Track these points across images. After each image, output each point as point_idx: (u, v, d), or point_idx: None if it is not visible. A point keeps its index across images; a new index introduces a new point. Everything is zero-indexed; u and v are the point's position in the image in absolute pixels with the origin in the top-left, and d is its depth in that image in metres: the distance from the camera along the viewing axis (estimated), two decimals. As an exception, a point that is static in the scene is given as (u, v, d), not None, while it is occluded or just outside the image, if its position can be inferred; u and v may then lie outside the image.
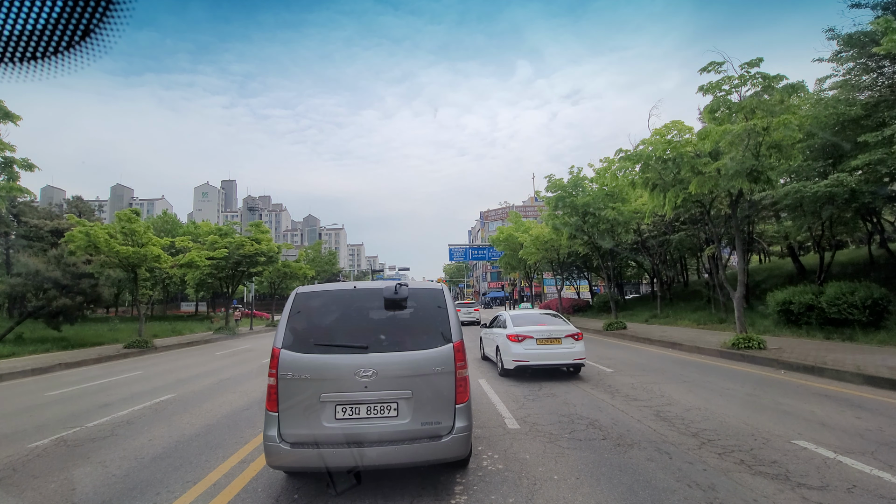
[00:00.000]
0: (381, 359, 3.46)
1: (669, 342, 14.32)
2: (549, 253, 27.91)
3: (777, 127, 9.45)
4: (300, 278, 37.60)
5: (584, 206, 18.02)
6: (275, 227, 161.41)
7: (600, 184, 18.17)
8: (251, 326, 30.55)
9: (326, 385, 3.38)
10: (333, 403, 3.37)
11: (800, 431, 4.81)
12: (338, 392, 3.38)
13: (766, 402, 6.23)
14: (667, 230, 22.78)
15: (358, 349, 3.48)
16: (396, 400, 3.41)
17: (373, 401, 3.40)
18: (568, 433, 4.95)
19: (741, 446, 4.40)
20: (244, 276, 27.41)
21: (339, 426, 3.32)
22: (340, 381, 3.39)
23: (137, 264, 17.66)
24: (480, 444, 4.60)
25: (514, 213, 35.16)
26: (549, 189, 19.18)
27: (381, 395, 3.40)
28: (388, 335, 3.66)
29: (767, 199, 15.70)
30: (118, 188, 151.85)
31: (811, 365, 8.58)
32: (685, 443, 4.53)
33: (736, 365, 9.88)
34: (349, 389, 3.38)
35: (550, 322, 9.67)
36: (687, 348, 12.89)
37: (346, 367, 3.41)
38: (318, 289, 3.95)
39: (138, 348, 17.15)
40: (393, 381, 3.42)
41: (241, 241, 24.84)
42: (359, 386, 3.38)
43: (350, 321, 3.75)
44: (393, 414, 3.40)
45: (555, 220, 19.94)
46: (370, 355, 3.46)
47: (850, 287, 12.42)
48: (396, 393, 3.41)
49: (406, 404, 3.41)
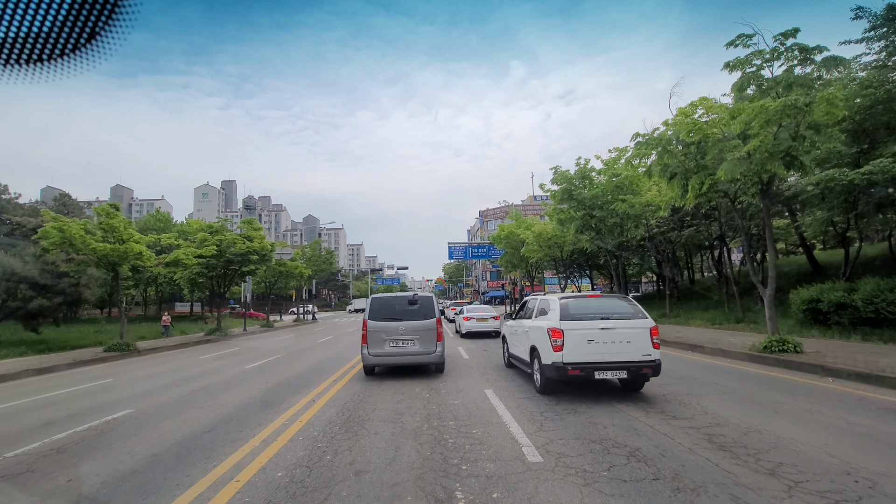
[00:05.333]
0: (407, 324, 8.72)
1: (688, 344, 13.25)
2: (551, 250, 26.85)
3: (820, 103, 8.37)
4: (297, 278, 36.54)
5: (593, 198, 16.93)
6: (274, 227, 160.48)
7: (609, 175, 17.08)
8: (245, 327, 29.48)
9: (385, 333, 8.62)
10: (388, 339, 8.61)
11: (904, 466, 3.74)
12: (390, 335, 8.62)
13: (834, 422, 5.16)
14: (675, 226, 21.74)
15: (398, 319, 8.80)
16: (413, 339, 8.64)
17: (404, 339, 8.64)
18: (606, 469, 3.85)
19: (843, 490, 3.32)
20: (237, 276, 26.31)
21: (390, 349, 8.54)
22: (391, 331, 8.63)
23: (118, 262, 16.56)
24: (496, 489, 3.50)
25: (515, 210, 34.10)
26: (556, 181, 18.08)
27: (407, 337, 8.59)
28: (410, 314, 8.87)
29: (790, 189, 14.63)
30: (118, 189, 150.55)
31: (865, 372, 7.50)
32: (766, 486, 3.44)
33: (773, 371, 8.79)
34: (394, 334, 8.63)
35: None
36: (709, 351, 11.82)
37: (393, 326, 8.69)
38: (380, 295, 9.31)
39: (119, 352, 16.04)
40: (412, 332, 8.66)
41: (232, 239, 23.72)
42: (398, 333, 8.65)
43: (394, 308, 9.05)
44: (412, 344, 8.64)
45: (560, 214, 18.86)
46: (403, 322, 8.74)
47: (890, 283, 11.35)
48: (413, 336, 8.62)
49: (417, 341, 8.63)
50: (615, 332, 6.38)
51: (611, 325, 6.42)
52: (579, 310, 6.77)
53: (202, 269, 22.99)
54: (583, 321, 6.52)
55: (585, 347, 6.36)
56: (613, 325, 6.42)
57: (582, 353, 6.35)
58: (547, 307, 7.30)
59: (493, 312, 19.64)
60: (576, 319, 6.55)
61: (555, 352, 6.40)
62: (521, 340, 8.30)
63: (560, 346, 6.39)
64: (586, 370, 6.30)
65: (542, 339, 6.74)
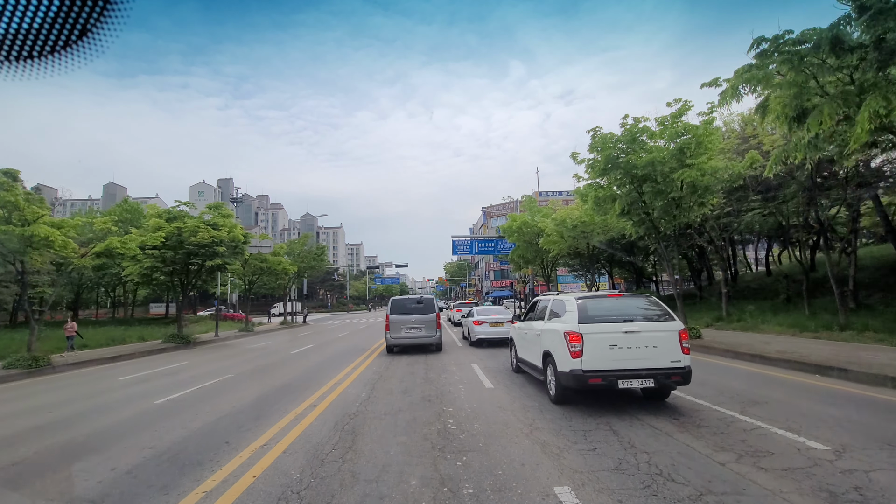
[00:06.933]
0: (416, 317, 13.58)
1: (782, 360, 9.48)
2: (576, 241, 22.73)
3: None
4: (280, 275, 32.45)
5: (647, 167, 12.83)
6: (272, 225, 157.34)
7: (670, 134, 12.97)
8: (216, 332, 25.41)
9: (402, 323, 13.46)
10: (403, 327, 13.43)
11: None
12: (405, 324, 13.45)
13: None
14: (732, 209, 17.65)
15: (410, 314, 13.67)
16: (421, 327, 13.45)
17: (415, 327, 13.43)
18: None
19: None
20: (204, 271, 22.25)
21: (405, 334, 13.39)
22: (406, 322, 13.49)
23: (19, 251, 12.52)
24: None
25: (529, 197, 29.99)
26: (593, 148, 13.96)
27: (416, 326, 13.42)
28: (418, 310, 13.74)
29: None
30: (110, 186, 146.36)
31: None
32: None
33: None
34: (408, 324, 13.46)
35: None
36: (821, 370, 8.14)
37: (407, 318, 13.54)
38: (398, 297, 14.52)
39: (23, 369, 12.10)
40: (419, 323, 13.48)
41: (193, 227, 19.66)
42: (411, 324, 13.47)
43: (407, 306, 13.87)
44: (420, 331, 13.43)
45: (598, 191, 14.77)
46: (413, 315, 13.60)
47: None
48: (421, 326, 13.45)
49: (424, 328, 13.44)
50: (640, 336, 5.86)
51: (635, 329, 5.89)
52: (599, 311, 6.25)
53: (156, 262, 18.95)
54: (604, 324, 6.00)
55: (607, 353, 5.83)
56: (638, 329, 5.90)
57: (603, 359, 5.83)
58: (561, 308, 6.75)
59: (508, 315, 15.92)
60: (596, 322, 6.03)
61: (573, 358, 5.88)
62: (531, 344, 7.73)
63: (579, 351, 5.86)
64: (609, 379, 5.74)
65: (558, 344, 6.23)
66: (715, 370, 9.23)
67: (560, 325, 6.39)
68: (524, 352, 8.32)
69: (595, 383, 5.72)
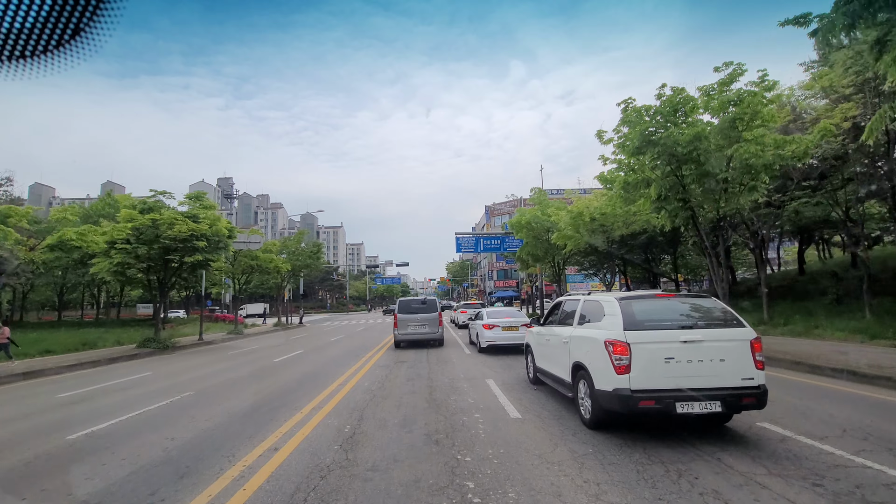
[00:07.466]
0: (421, 315, 15.45)
1: (881, 377, 7.46)
2: (594, 235, 20.67)
3: None
4: (272, 273, 30.43)
5: (691, 143, 10.78)
6: (271, 224, 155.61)
7: (720, 104, 10.90)
8: (200, 336, 23.36)
9: (408, 322, 15.28)
10: (409, 324, 15.24)
11: None
12: (411, 322, 15.27)
13: None
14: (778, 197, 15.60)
15: (415, 312, 15.58)
16: (425, 325, 15.25)
17: (419, 325, 15.24)
18: None
19: None
20: (185, 269, 20.26)
21: (412, 330, 15.22)
22: (412, 320, 15.29)
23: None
24: None
25: (539, 190, 27.89)
26: (626, 122, 11.93)
27: (421, 324, 15.23)
28: (422, 309, 15.66)
29: None
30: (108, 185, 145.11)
31: None
32: None
33: None
34: (414, 322, 15.27)
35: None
36: None
37: (412, 317, 15.40)
38: (404, 298, 17.15)
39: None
40: (424, 321, 15.30)
41: (170, 219, 17.67)
42: (416, 322, 15.27)
43: (412, 306, 15.89)
44: (424, 328, 15.22)
45: (630, 175, 12.73)
46: (418, 314, 15.49)
47: None
48: (425, 324, 15.24)
49: (427, 326, 15.25)
50: (703, 347, 4.59)
51: (696, 337, 4.63)
52: (649, 315, 4.91)
53: (128, 258, 16.97)
54: (656, 331, 4.71)
55: (662, 368, 4.55)
56: (700, 337, 4.64)
57: (657, 376, 4.55)
58: (597, 311, 5.41)
59: (522, 318, 14.14)
60: (646, 329, 4.72)
61: (618, 374, 4.59)
62: (556, 354, 6.39)
63: (626, 366, 4.57)
64: (665, 401, 4.43)
65: (596, 355, 4.95)
66: (791, 388, 7.24)
67: (597, 331, 5.18)
68: (545, 361, 7.13)
69: (647, 406, 4.49)
